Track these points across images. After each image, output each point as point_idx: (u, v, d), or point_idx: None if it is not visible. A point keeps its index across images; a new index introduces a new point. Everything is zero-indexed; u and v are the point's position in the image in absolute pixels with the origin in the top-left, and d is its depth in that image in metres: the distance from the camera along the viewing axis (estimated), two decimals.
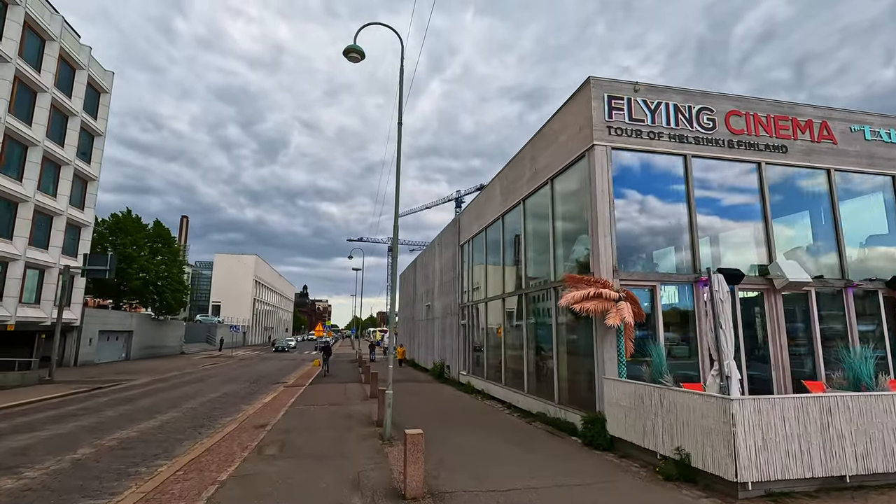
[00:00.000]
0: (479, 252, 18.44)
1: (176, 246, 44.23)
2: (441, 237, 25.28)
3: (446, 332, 22.89)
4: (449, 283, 22.75)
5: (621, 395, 8.54)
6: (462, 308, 20.64)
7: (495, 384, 15.55)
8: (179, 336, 48.21)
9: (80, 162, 29.88)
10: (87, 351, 31.19)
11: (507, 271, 15.34)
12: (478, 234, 18.52)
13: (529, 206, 13.65)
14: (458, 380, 20.26)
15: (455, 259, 21.77)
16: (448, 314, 22.78)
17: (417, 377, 24.21)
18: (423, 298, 30.25)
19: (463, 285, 20.81)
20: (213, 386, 20.01)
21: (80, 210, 30.39)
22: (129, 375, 24.41)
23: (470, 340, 19.18)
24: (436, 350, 25.14)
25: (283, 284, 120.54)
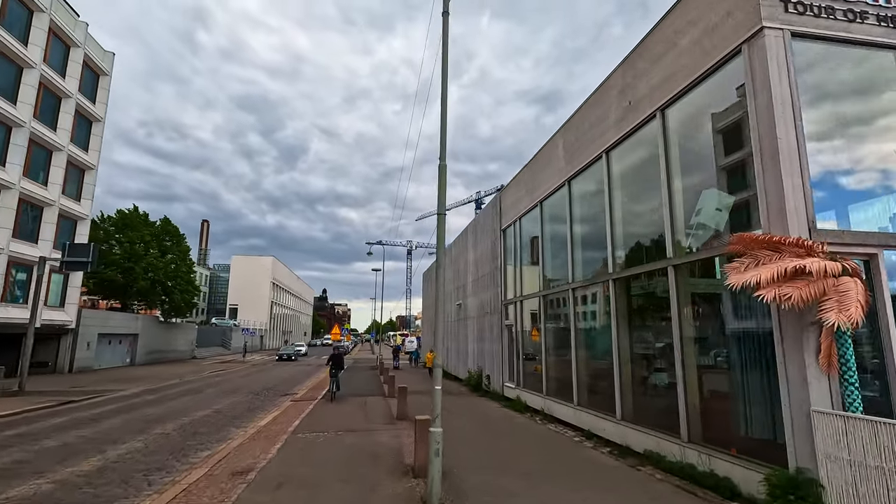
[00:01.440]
0: (532, 234, 14.75)
1: (185, 244, 41.60)
2: (475, 224, 21.64)
3: (484, 334, 19.20)
4: (487, 276, 19.07)
5: (855, 443, 4.75)
6: (506, 305, 16.94)
7: (561, 403, 11.79)
8: (191, 340, 45.60)
9: (76, 148, 27.24)
10: (84, 356, 28.46)
11: (578, 254, 11.60)
12: (528, 212, 14.84)
13: (620, 158, 9.90)
14: (503, 393, 16.54)
15: (495, 247, 18.10)
16: (485, 313, 19.09)
17: (449, 388, 20.54)
18: (452, 297, 26.63)
19: (506, 278, 17.12)
20: (208, 399, 16.72)
21: (76, 201, 27.73)
22: (121, 384, 21.39)
23: (518, 345, 15.45)
24: (470, 356, 21.46)
25: (301, 287, 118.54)
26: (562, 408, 11.71)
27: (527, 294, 14.86)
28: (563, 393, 11.95)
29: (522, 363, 14.97)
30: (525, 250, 15.35)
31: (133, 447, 9.30)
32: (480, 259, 20.30)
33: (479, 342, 19.84)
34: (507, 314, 16.90)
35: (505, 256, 17.37)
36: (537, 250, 14.07)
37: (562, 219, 12.38)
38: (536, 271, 14.12)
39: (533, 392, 13.78)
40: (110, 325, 31.47)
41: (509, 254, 16.94)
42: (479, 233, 20.76)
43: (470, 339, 21.74)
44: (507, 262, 17.22)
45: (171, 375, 26.42)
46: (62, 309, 26.80)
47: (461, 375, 23.12)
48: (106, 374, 26.94)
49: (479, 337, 19.88)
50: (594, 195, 10.94)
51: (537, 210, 14.10)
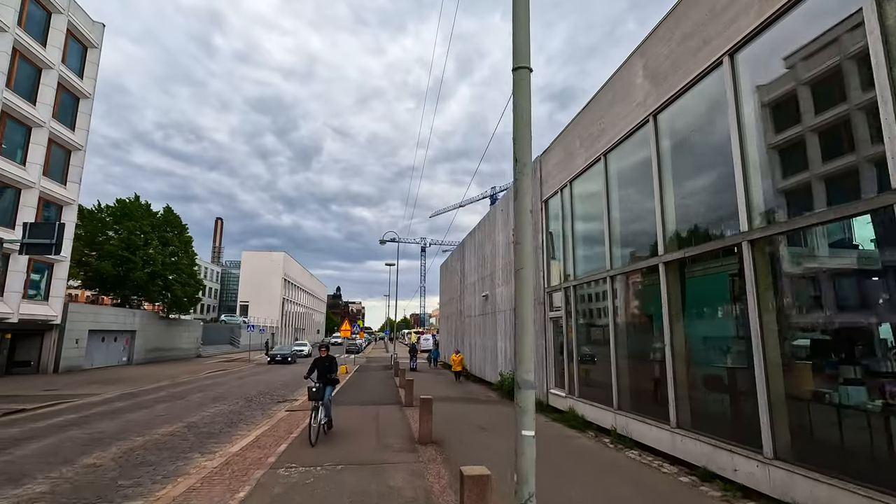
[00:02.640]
0: (590, 198, 11.45)
1: (187, 235, 39.11)
2: (507, 199, 18.35)
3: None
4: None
5: None
6: (549, 293, 13.67)
7: (647, 422, 8.49)
8: (196, 337, 43.20)
9: (60, 126, 24.70)
10: (72, 354, 25.97)
11: (672, 214, 8.27)
12: (585, 171, 11.54)
13: (757, 61, 6.53)
14: (548, 402, 13.29)
15: (536, 223, 14.83)
16: None
17: (475, 394, 17.36)
18: (475, 288, 23.41)
19: (550, 259, 13.85)
20: (188, 408, 13.80)
21: (61, 184, 25.21)
22: (101, 387, 18.69)
23: (569, 343, 12.16)
24: (501, 356, 18.21)
25: (314, 285, 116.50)
26: (648, 429, 8.41)
27: (584, 277, 11.56)
28: (648, 408, 8.66)
29: (577, 366, 11.67)
30: (580, 221, 12.03)
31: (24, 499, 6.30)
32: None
33: (512, 339, 16.56)
34: (551, 304, 13.63)
35: (548, 233, 14.09)
36: (601, 218, 10.76)
37: (642, 171, 9.07)
38: (598, 246, 10.81)
39: (596, 404, 10.49)
40: (103, 321, 28.98)
41: (554, 229, 13.65)
42: (511, 208, 17.47)
43: (500, 335, 18.49)
44: (553, 239, 13.94)
45: (164, 376, 23.74)
46: (45, 302, 24.31)
47: (489, 378, 19.89)
48: (94, 374, 24.39)
49: (511, 334, 16.60)
50: (703, 128, 7.60)
51: (600, 166, 10.78)
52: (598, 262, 10.88)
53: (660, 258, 8.26)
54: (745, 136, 6.57)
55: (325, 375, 9.64)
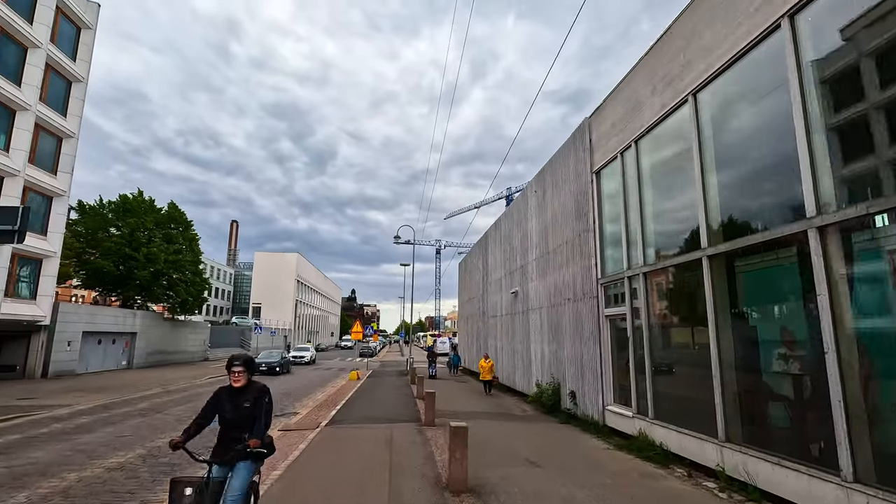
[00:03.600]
0: (675, 157, 8.72)
1: (192, 231, 37.22)
2: (542, 177, 15.64)
3: (563, 331, 13.22)
4: (566, 246, 13.10)
5: None
6: (605, 286, 10.96)
7: (789, 465, 5.71)
8: (203, 339, 41.30)
9: (49, 111, 22.81)
10: (63, 358, 24.01)
11: (825, 161, 5.52)
12: (661, 121, 8.83)
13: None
14: (604, 421, 10.56)
15: (582, 201, 12.14)
16: (565, 300, 13.13)
17: (507, 408, 14.67)
18: (501, 285, 20.74)
19: (605, 242, 11.15)
20: (161, 426, 11.41)
21: (50, 174, 23.31)
22: (82, 396, 16.54)
23: (639, 348, 9.41)
24: (537, 362, 15.49)
25: (329, 287, 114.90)
26: (793, 477, 5.64)
27: (667, 259, 8.82)
28: (786, 444, 5.90)
29: (652, 378, 8.91)
30: (656, 188, 9.29)
31: None
32: (552, 224, 14.33)
33: (554, 343, 13.84)
34: (616, 299, 10.90)
35: (602, 210, 11.38)
36: (689, 182, 8.04)
37: (767, 108, 6.34)
38: (687, 218, 8.09)
39: (686, 431, 7.73)
40: (99, 322, 27.02)
41: (612, 204, 10.94)
42: (548, 188, 14.79)
43: (534, 338, 15.78)
44: (604, 218, 11.23)
45: (159, 382, 21.57)
46: (33, 301, 22.37)
47: (519, 387, 17.18)
48: (85, 380, 22.35)
49: (554, 336, 13.90)
50: None
51: (686, 110, 8.06)
52: (685, 240, 8.14)
53: (808, 222, 5.51)
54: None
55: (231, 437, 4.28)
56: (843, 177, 5.38)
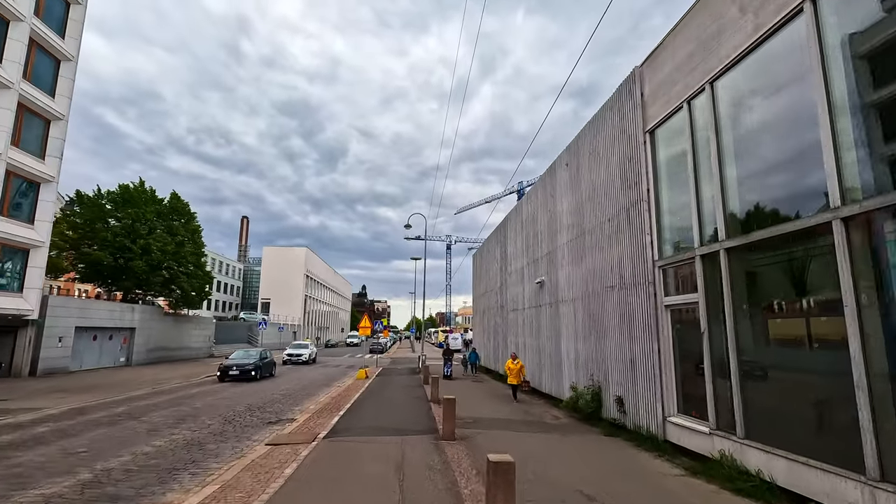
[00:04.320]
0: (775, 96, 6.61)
1: (195, 223, 35.70)
2: (576, 147, 13.53)
3: (606, 326, 11.17)
4: (610, 223, 11.03)
5: None
6: (663, 268, 8.91)
7: None
8: (207, 335, 39.89)
9: (34, 90, 21.24)
10: (54, 354, 22.55)
11: None
12: (758, 46, 6.72)
13: None
14: (664, 435, 8.53)
15: (631, 167, 10.07)
16: (607, 288, 11.07)
17: (537, 415, 12.68)
18: (523, 275, 18.70)
19: (662, 213, 9.10)
20: (131, 437, 9.63)
21: (38, 159, 21.76)
22: (63, 397, 14.97)
23: (718, 346, 7.35)
24: (568, 362, 13.45)
25: (339, 282, 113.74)
26: None
27: (769, 228, 6.73)
28: None
29: (740, 384, 6.84)
30: (739, 140, 7.19)
31: None
32: (589, 200, 12.25)
33: (592, 339, 11.79)
34: (671, 285, 8.85)
35: (658, 177, 9.31)
36: (797, 122, 5.96)
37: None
38: (800, 172, 6.01)
39: (804, 459, 5.66)
40: (94, 317, 25.55)
41: (674, 168, 8.87)
42: (584, 159, 12.71)
43: (566, 333, 13.75)
44: (664, 187, 9.16)
45: (151, 381, 19.99)
46: (19, 294, 20.87)
47: (549, 390, 15.17)
48: (76, 378, 20.85)
49: (593, 330, 11.85)
50: None
51: (800, 23, 5.96)
52: (799, 200, 6.06)
53: None
54: None
55: None
56: None
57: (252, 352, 22.79)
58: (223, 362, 21.19)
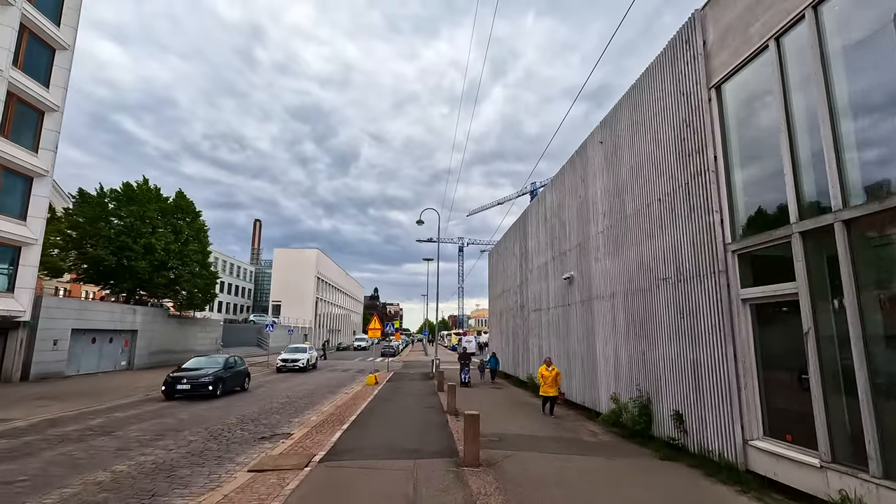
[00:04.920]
0: None
1: (200, 221, 34.55)
2: (613, 121, 11.75)
3: (656, 323, 9.39)
4: (663, 202, 9.27)
5: None
6: (740, 254, 7.13)
7: None
8: (214, 338, 38.71)
9: (26, 79, 20.12)
10: (48, 358, 21.37)
11: None
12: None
13: None
14: (747, 465, 6.71)
15: (694, 132, 8.31)
16: (663, 280, 9.30)
17: (570, 428, 10.90)
18: (546, 271, 16.94)
19: (733, 187, 7.32)
20: (97, 457, 8.12)
21: (30, 152, 20.64)
22: (45, 404, 13.65)
23: (839, 351, 5.55)
24: (606, 368, 11.65)
25: (351, 285, 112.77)
26: None
27: None
28: None
29: (870, 401, 5.03)
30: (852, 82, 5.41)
31: None
32: (632, 179, 10.49)
33: (639, 342, 10.00)
34: (748, 275, 7.07)
35: (728, 140, 7.54)
36: None
37: None
38: None
39: None
40: (92, 319, 24.38)
41: (752, 126, 7.10)
42: (624, 133, 10.95)
43: (602, 335, 11.96)
44: (737, 153, 7.39)
45: (150, 386, 18.64)
46: (10, 294, 19.70)
47: (581, 400, 13.35)
48: (71, 383, 19.62)
49: (637, 332, 10.06)
50: None
51: None
52: None
53: None
54: None
55: None
56: None
57: (216, 359, 18.04)
58: (171, 373, 16.09)
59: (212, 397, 15.66)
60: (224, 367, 17.09)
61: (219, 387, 16.09)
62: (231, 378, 17.36)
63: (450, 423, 11.01)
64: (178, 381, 15.47)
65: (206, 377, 15.80)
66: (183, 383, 15.45)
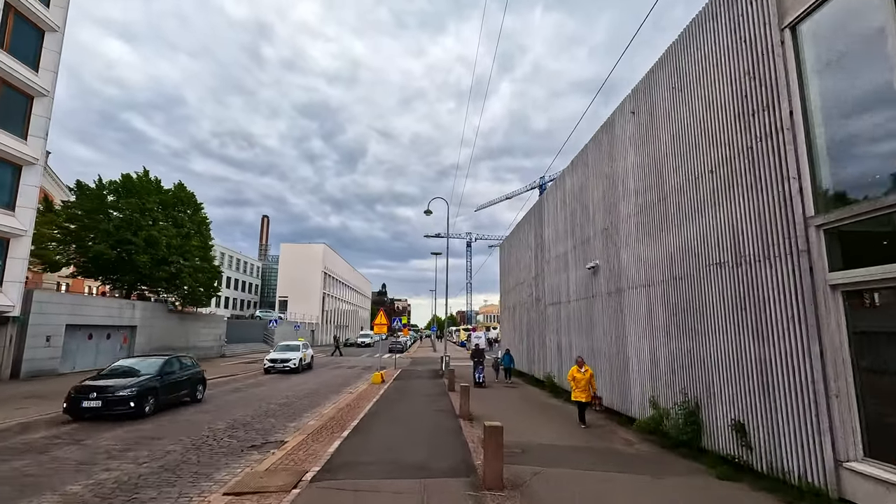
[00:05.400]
0: None
1: (202, 214, 33.54)
2: (649, 85, 10.34)
3: (704, 315, 8.01)
4: (715, 173, 7.86)
5: None
6: (836, 230, 5.73)
7: None
8: (218, 334, 37.76)
9: (11, 60, 19.05)
10: (41, 355, 20.43)
11: None
12: None
13: None
14: (839, 491, 5.32)
15: (762, 85, 6.89)
16: (715, 265, 7.92)
17: (604, 438, 9.57)
18: (566, 261, 15.57)
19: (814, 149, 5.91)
20: (46, 474, 6.94)
21: (18, 139, 19.61)
22: (25, 404, 12.55)
23: None
24: (639, 367, 10.28)
25: (359, 281, 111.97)
26: None
27: None
28: None
29: None
30: None
31: None
32: (674, 150, 9.08)
33: (682, 337, 8.62)
34: (837, 257, 5.68)
35: (806, 91, 6.13)
36: None
37: None
38: None
39: None
40: (88, 314, 23.43)
41: (836, 78, 5.69)
42: (662, 98, 9.54)
43: (635, 331, 10.59)
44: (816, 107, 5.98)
45: None
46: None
47: (608, 402, 12.00)
48: (64, 382, 18.52)
49: (680, 325, 8.69)
50: None
51: None
52: None
53: None
54: None
55: None
56: None
57: (150, 362, 13.19)
58: (81, 382, 11.79)
59: (137, 417, 11.13)
60: (159, 374, 12.51)
61: (147, 402, 11.50)
62: (171, 387, 12.75)
63: (464, 430, 9.73)
64: (86, 395, 10.85)
65: (125, 390, 11.15)
66: (91, 398, 10.77)
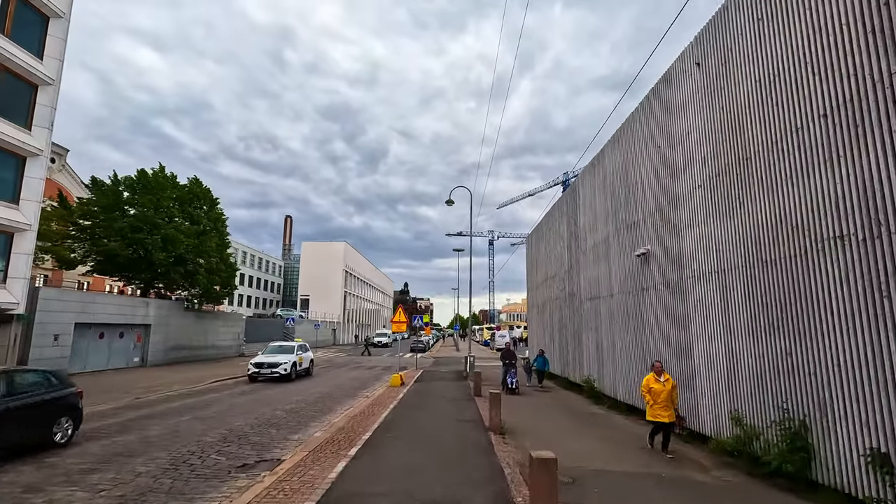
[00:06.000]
0: None
1: (218, 210, 32.68)
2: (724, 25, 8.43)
3: (812, 310, 6.09)
4: (837, 115, 5.93)
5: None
6: None
7: None
8: (237, 333, 36.99)
9: (16, 49, 18.22)
10: (49, 354, 19.64)
11: None
12: None
13: None
14: None
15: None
16: (845, 236, 5.98)
17: (665, 458, 7.68)
18: (606, 249, 13.65)
19: None
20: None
21: (23, 129, 18.80)
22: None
23: None
24: (709, 376, 8.34)
25: (381, 280, 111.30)
26: None
27: None
28: None
29: None
30: None
31: None
32: (766, 91, 7.16)
33: (769, 336, 6.69)
34: None
35: None
36: None
37: None
38: None
39: None
40: (97, 312, 22.61)
41: None
42: (744, 31, 7.62)
43: (701, 329, 8.67)
44: None
45: (146, 387, 16.55)
46: (2, 285, 17.94)
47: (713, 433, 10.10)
48: (75, 382, 17.69)
49: (773, 323, 6.76)
50: None
51: None
52: None
53: None
54: None
55: None
56: None
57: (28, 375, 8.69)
58: None
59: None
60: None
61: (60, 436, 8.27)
62: (13, 422, 7.35)
63: (496, 449, 8.02)
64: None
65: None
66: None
